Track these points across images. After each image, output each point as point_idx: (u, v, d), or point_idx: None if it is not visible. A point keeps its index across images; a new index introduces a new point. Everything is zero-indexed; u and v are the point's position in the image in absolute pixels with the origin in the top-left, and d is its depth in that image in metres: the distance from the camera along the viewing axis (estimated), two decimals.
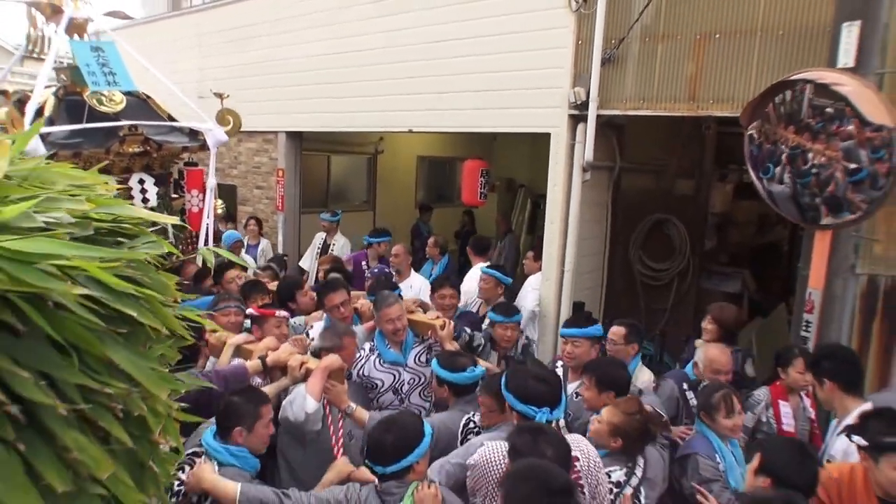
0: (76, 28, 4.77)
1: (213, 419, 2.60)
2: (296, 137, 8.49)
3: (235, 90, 5.05)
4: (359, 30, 7.00)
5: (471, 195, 6.87)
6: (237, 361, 3.29)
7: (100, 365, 0.88)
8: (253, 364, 3.17)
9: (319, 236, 7.24)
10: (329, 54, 7.36)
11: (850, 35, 3.60)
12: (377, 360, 3.71)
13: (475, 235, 6.63)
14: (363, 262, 6.31)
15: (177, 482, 2.40)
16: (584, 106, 5.20)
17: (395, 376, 3.71)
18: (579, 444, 2.54)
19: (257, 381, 3.22)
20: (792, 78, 3.51)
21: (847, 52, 3.63)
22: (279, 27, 8.03)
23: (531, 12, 5.54)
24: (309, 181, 8.99)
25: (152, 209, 4.49)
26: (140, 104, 5.04)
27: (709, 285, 6.30)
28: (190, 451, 2.51)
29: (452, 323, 3.89)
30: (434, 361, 3.23)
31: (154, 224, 1.20)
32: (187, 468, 2.41)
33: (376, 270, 5.68)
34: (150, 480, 1.03)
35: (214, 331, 3.45)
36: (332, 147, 9.25)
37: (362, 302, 4.31)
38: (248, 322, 3.84)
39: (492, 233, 9.23)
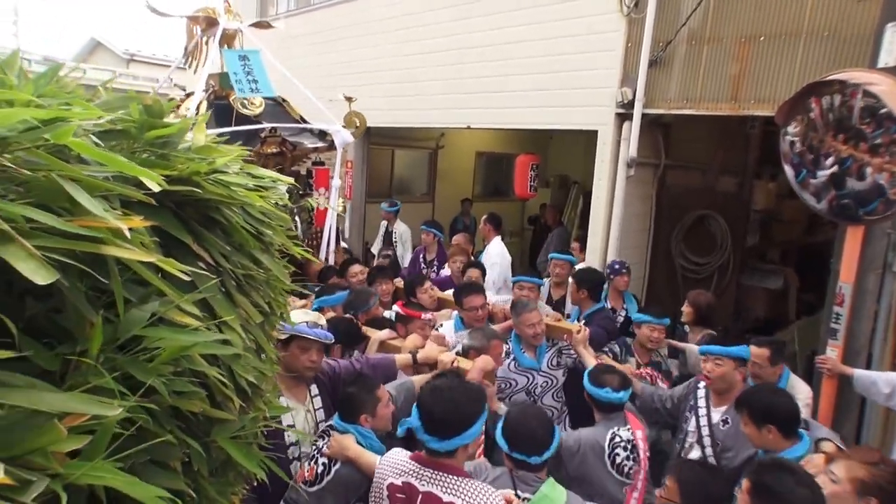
0: (227, 39, 4.95)
1: None
2: (364, 132, 8.80)
3: (316, 89, 5.30)
4: (423, 34, 7.24)
5: (521, 188, 7.02)
6: (381, 355, 3.32)
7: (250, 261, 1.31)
8: (403, 358, 3.18)
9: (382, 225, 7.52)
10: (396, 56, 7.63)
11: (893, 35, 3.54)
12: (512, 363, 3.72)
13: (491, 212, 6.68)
14: (421, 255, 6.51)
15: (314, 449, 2.55)
16: (631, 105, 5.26)
17: (528, 379, 3.72)
18: None
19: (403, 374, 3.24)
20: (826, 79, 3.49)
21: (889, 51, 3.55)
22: (353, 31, 8.35)
23: (585, 17, 5.62)
24: (374, 173, 9.31)
25: (283, 206, 4.71)
26: (276, 108, 5.14)
27: (750, 281, 6.23)
28: (328, 424, 2.65)
29: (587, 329, 3.79)
30: (586, 373, 3.08)
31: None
32: (326, 437, 2.55)
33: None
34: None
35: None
36: (396, 142, 9.53)
37: (495, 303, 4.35)
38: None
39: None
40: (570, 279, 4.71)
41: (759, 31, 4.58)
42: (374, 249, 7.56)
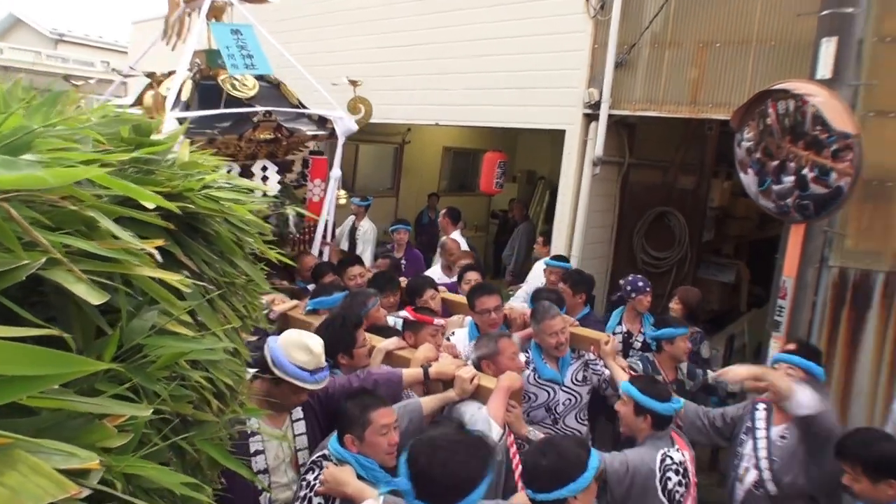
0: (215, 11, 4.68)
1: None
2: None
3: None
4: (391, 28, 7.52)
5: (487, 184, 7.43)
6: (387, 369, 3.03)
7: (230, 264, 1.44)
8: (413, 373, 2.88)
9: (350, 220, 7.63)
10: (363, 50, 7.85)
11: (828, 49, 4.02)
12: (532, 375, 3.46)
13: (450, 206, 6.95)
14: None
15: (304, 483, 2.32)
16: (597, 106, 5.68)
17: (549, 394, 3.47)
18: None
19: (411, 393, 2.94)
20: (773, 88, 3.96)
21: (825, 64, 4.05)
22: (310, 22, 8.54)
23: (552, 17, 6.02)
24: None
25: (274, 197, 4.45)
26: (272, 90, 4.91)
27: (706, 275, 6.79)
28: (318, 454, 2.41)
29: (616, 339, 3.63)
30: (630, 388, 2.78)
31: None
32: (317, 470, 2.31)
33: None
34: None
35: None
36: (361, 136, 9.70)
37: (514, 307, 4.12)
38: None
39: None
40: (562, 284, 4.56)
41: (715, 38, 5.07)
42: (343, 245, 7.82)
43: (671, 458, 2.59)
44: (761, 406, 3.12)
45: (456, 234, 6.72)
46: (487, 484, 1.91)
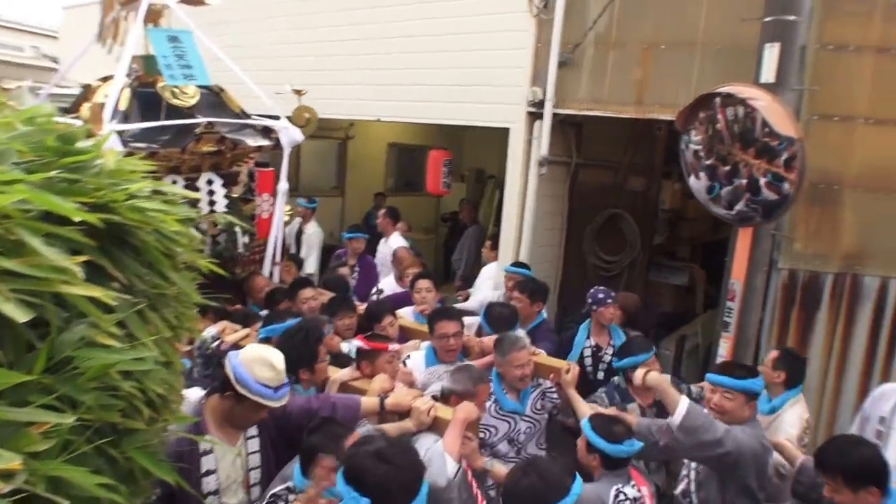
0: (153, 15, 4.50)
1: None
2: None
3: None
4: (331, 21, 7.33)
5: (434, 185, 7.29)
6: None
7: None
8: (370, 402, 2.87)
9: (296, 222, 7.37)
10: (301, 43, 7.65)
11: (771, 54, 4.07)
12: (493, 407, 3.39)
13: (390, 206, 6.95)
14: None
15: None
16: (541, 104, 5.64)
17: (510, 424, 3.42)
18: None
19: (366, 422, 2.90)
20: (717, 90, 3.96)
21: (769, 69, 4.10)
22: (252, 14, 8.27)
23: (495, 14, 5.94)
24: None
25: (222, 215, 4.36)
26: (213, 98, 4.72)
27: (658, 278, 6.83)
28: (281, 486, 2.38)
29: (577, 367, 3.53)
30: (585, 424, 2.79)
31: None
32: (280, 503, 2.31)
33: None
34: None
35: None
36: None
37: (470, 336, 4.00)
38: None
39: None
40: (518, 293, 4.48)
41: (660, 40, 5.07)
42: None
43: (625, 494, 2.59)
44: None
45: (396, 235, 6.61)
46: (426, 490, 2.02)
